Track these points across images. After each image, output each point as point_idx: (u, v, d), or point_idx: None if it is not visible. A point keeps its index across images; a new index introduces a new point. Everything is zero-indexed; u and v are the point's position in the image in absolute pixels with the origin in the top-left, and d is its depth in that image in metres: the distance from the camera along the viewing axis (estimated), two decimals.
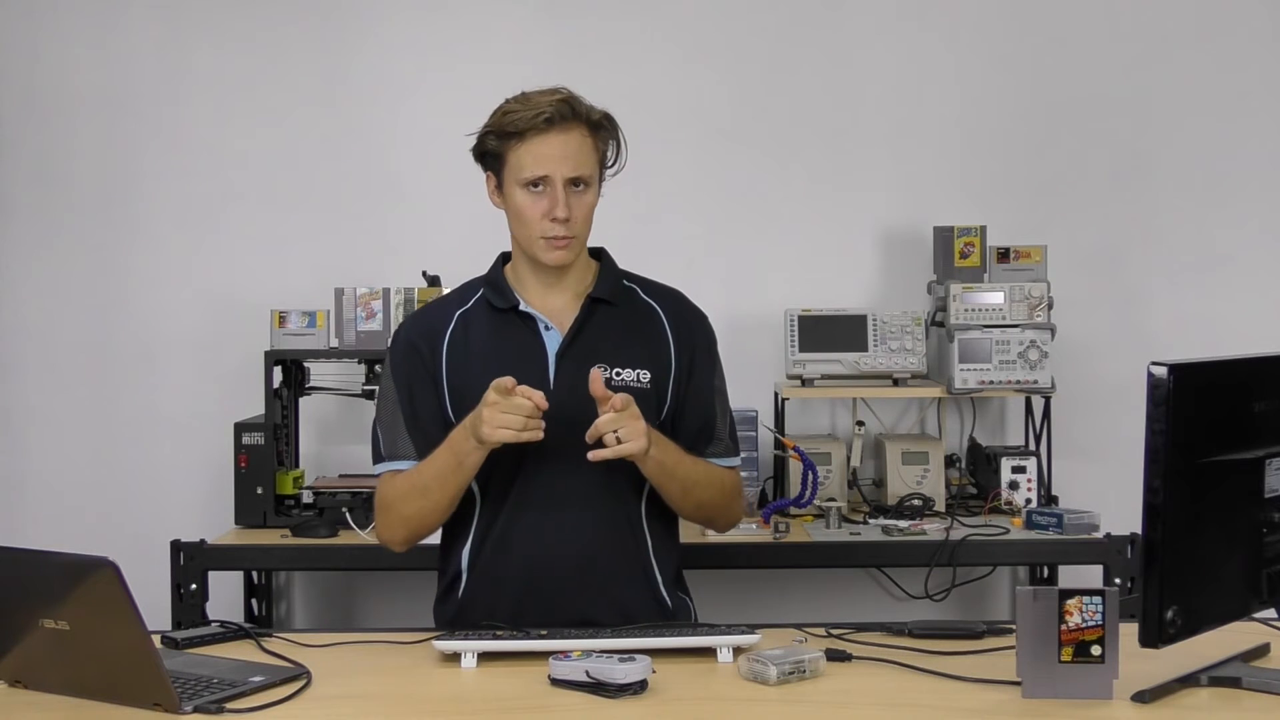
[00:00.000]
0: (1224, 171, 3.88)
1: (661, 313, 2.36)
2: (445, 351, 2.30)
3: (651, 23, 3.90)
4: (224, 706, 1.75)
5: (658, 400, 2.30)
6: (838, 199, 3.90)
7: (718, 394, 2.39)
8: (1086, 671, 1.75)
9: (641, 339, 2.32)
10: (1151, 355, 1.76)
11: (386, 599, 3.88)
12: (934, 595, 3.58)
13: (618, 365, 2.27)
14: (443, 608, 2.36)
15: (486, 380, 2.16)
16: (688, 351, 2.34)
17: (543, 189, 2.23)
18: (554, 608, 2.18)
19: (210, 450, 3.79)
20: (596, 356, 2.26)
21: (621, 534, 2.28)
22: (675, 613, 2.34)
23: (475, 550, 2.30)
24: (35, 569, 1.83)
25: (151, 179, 3.91)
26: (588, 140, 2.26)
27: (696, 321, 2.40)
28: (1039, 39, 3.90)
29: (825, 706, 1.79)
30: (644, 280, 2.42)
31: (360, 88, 3.91)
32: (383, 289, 3.58)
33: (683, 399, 2.33)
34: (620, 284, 2.37)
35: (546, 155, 2.22)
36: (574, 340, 2.28)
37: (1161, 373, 1.70)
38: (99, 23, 3.90)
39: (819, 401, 3.87)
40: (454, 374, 2.29)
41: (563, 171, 2.22)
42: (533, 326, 2.29)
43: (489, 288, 2.34)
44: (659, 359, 2.31)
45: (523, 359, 2.26)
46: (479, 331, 2.31)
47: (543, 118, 2.21)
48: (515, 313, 2.30)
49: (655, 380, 2.29)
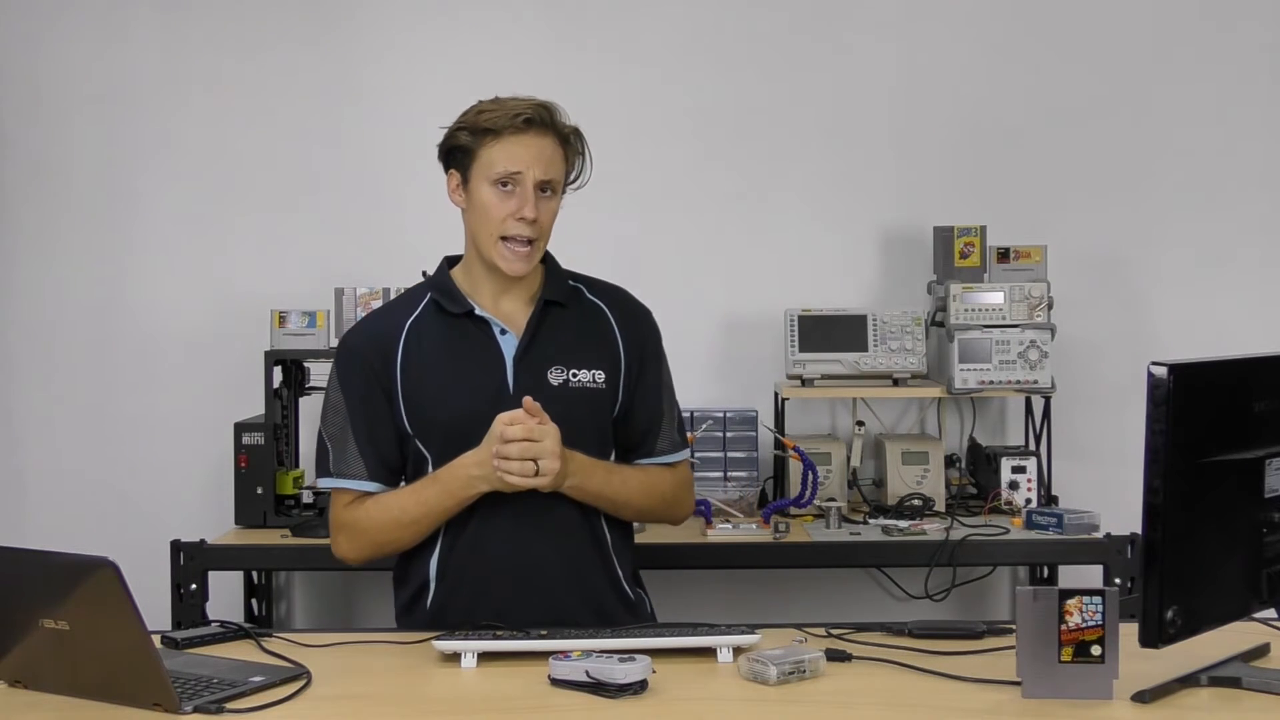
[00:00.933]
0: (1224, 172, 3.88)
1: (608, 311, 2.38)
2: (400, 361, 2.29)
3: (652, 22, 3.90)
4: (224, 706, 1.74)
5: (611, 399, 2.32)
6: (838, 199, 3.90)
7: (665, 389, 2.41)
8: (1086, 671, 1.75)
9: (593, 339, 2.33)
10: (1151, 355, 1.76)
11: (386, 599, 3.83)
12: (934, 595, 3.58)
13: (573, 366, 2.29)
14: (409, 619, 2.33)
15: (444, 387, 2.20)
16: (636, 349, 2.36)
17: (512, 188, 2.24)
18: (533, 608, 2.18)
19: (210, 450, 3.79)
20: (552, 359, 2.28)
21: (585, 533, 2.30)
22: (636, 605, 2.37)
23: (444, 558, 2.29)
24: (35, 569, 1.83)
25: (151, 179, 3.91)
26: (559, 149, 2.27)
27: (643, 319, 2.42)
28: (1039, 39, 3.90)
29: (825, 706, 1.79)
30: (588, 279, 2.42)
31: (360, 87, 3.91)
32: (383, 289, 3.57)
33: (632, 397, 2.35)
34: (567, 284, 2.38)
35: (521, 154, 2.23)
36: (530, 344, 2.29)
37: (1161, 373, 1.70)
38: (99, 23, 3.90)
39: (819, 401, 3.87)
40: (410, 384, 2.28)
41: (535, 172, 2.23)
42: (487, 331, 2.29)
43: (438, 292, 2.33)
44: (611, 358, 2.33)
45: (480, 365, 2.27)
46: (432, 338, 2.30)
47: (521, 118, 2.23)
48: (469, 317, 2.30)
49: (609, 379, 2.31)
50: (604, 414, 2.31)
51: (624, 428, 2.35)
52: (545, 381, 2.26)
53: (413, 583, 2.33)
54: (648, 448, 2.36)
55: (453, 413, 2.24)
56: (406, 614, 2.35)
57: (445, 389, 2.25)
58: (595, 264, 2.48)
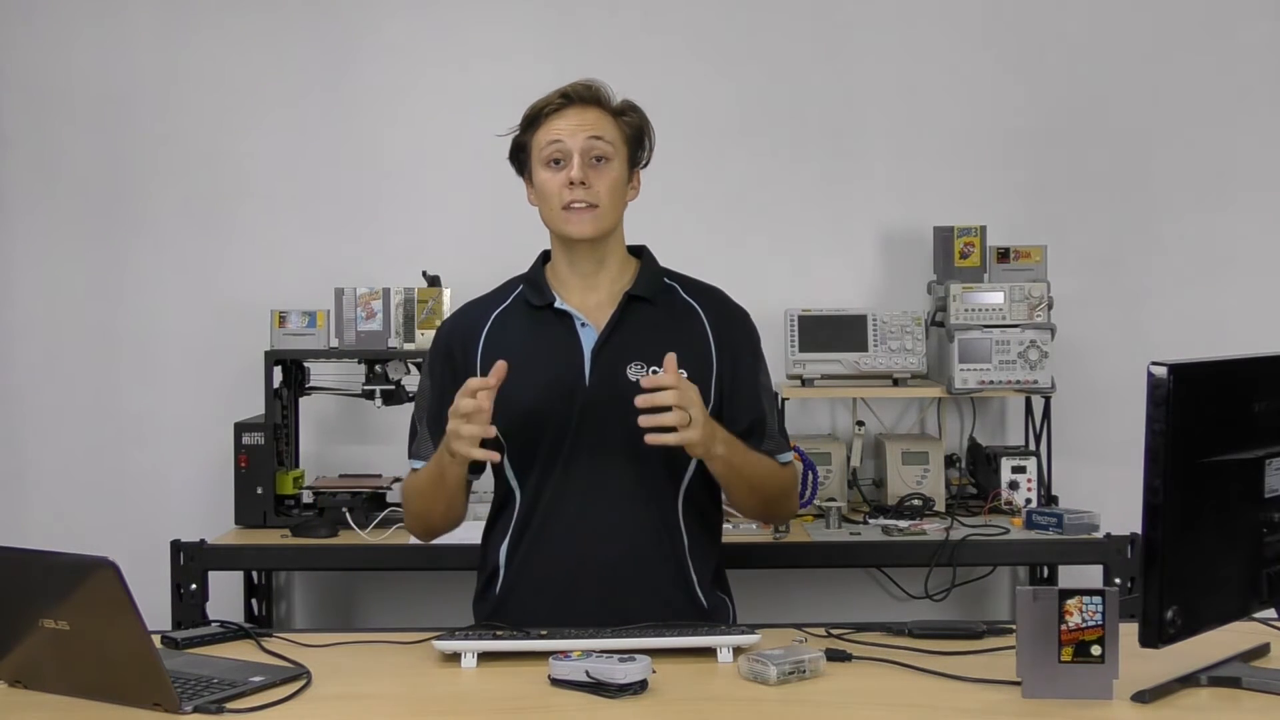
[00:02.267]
0: (1224, 172, 3.88)
1: (702, 311, 2.35)
2: (480, 352, 2.30)
3: (652, 22, 3.90)
4: (224, 706, 1.74)
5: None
6: (838, 199, 3.90)
7: (764, 391, 2.37)
8: (1086, 671, 1.75)
9: (680, 337, 2.28)
10: (1151, 355, 1.76)
11: (386, 599, 3.88)
12: (934, 595, 3.58)
13: (655, 363, 2.21)
14: (482, 604, 2.34)
15: (521, 378, 2.18)
16: (729, 350, 2.33)
17: (562, 163, 2.24)
18: (592, 608, 2.16)
19: (210, 450, 3.79)
20: (632, 354, 2.25)
21: (658, 533, 2.26)
22: (713, 612, 2.31)
23: (513, 546, 2.29)
24: (35, 569, 1.82)
25: (151, 178, 3.91)
26: (607, 119, 2.28)
27: (739, 320, 2.39)
28: (1039, 39, 3.90)
29: (825, 706, 1.78)
30: (685, 278, 2.41)
31: (361, 87, 3.91)
32: (383, 289, 3.58)
33: (729, 398, 2.31)
34: (660, 282, 2.36)
35: (560, 126, 2.25)
36: (610, 337, 2.27)
37: (1161, 373, 1.69)
38: (99, 22, 3.90)
39: (819, 401, 3.87)
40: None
41: (577, 140, 2.24)
42: (569, 324, 2.29)
43: (527, 285, 2.34)
44: (699, 358, 2.29)
45: (558, 356, 2.26)
46: (515, 329, 2.31)
47: (558, 95, 2.26)
48: (552, 310, 2.30)
49: (693, 379, 2.23)
50: None
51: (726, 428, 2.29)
52: (623, 376, 2.23)
53: (487, 567, 2.33)
54: (757, 447, 2.30)
55: (527, 403, 2.24)
56: (480, 599, 2.35)
57: (522, 380, 2.21)
58: None
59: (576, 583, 2.23)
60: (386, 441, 3.65)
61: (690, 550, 2.29)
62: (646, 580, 2.24)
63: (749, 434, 2.30)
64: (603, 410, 2.21)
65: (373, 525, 3.38)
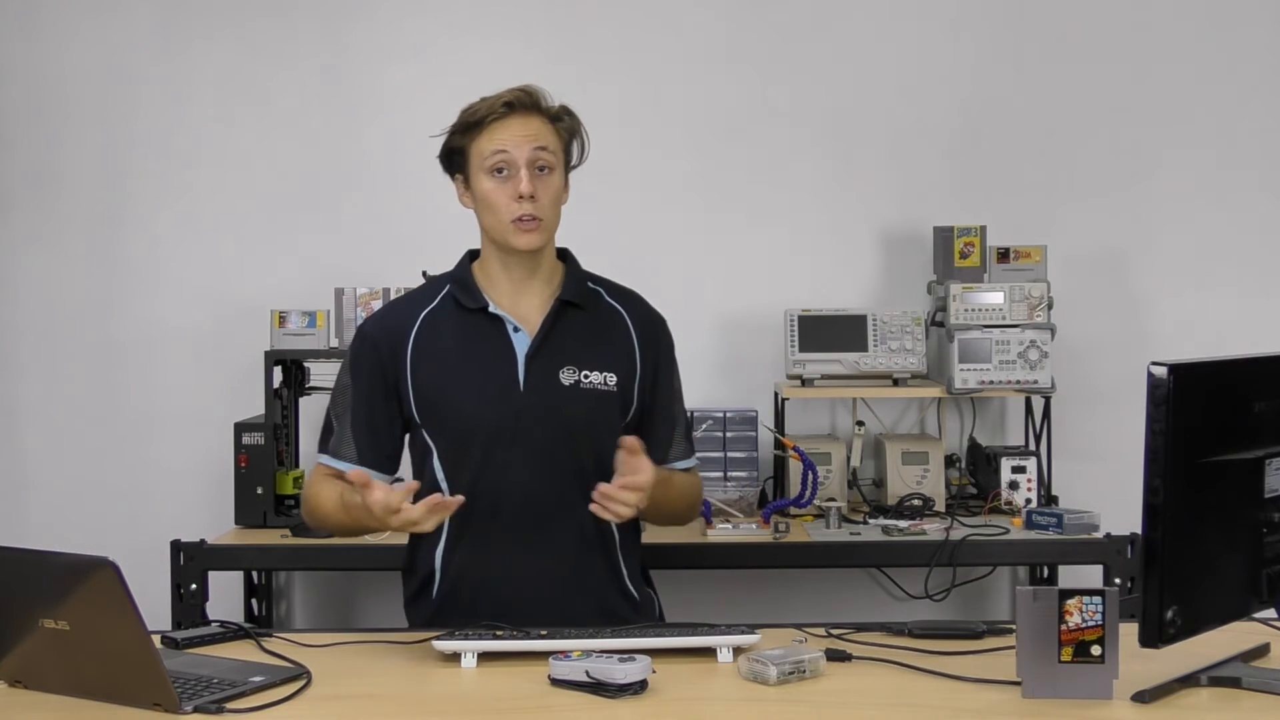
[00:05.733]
0: (1224, 172, 3.88)
1: (626, 316, 2.38)
2: (410, 352, 2.30)
3: (653, 23, 3.89)
4: (224, 706, 1.74)
5: (623, 402, 2.33)
6: (838, 199, 3.90)
7: (677, 396, 2.44)
8: (1086, 671, 1.75)
9: (608, 342, 2.34)
10: (1151, 355, 1.76)
11: (386, 599, 3.85)
12: (934, 595, 3.58)
13: (585, 368, 2.29)
14: (415, 609, 2.36)
15: (455, 381, 2.23)
16: (652, 355, 2.38)
17: (507, 174, 2.25)
18: (533, 609, 2.18)
19: (210, 450, 3.79)
20: (565, 359, 2.29)
21: (592, 534, 2.30)
22: (641, 605, 2.38)
23: (449, 550, 2.31)
24: (35, 569, 1.82)
25: (151, 179, 3.91)
26: (548, 128, 2.29)
27: (659, 325, 2.43)
28: (1039, 39, 3.90)
29: (825, 706, 1.78)
30: (607, 282, 2.43)
31: (361, 87, 3.91)
32: (383, 289, 3.57)
33: (650, 404, 2.37)
34: (586, 286, 2.38)
35: (506, 137, 2.26)
36: (543, 342, 2.29)
37: (1161, 373, 1.69)
38: (98, 22, 3.90)
39: (819, 401, 3.87)
40: (420, 375, 2.30)
41: (524, 151, 2.25)
42: (501, 328, 2.30)
43: (456, 286, 2.35)
44: (625, 362, 2.34)
45: (492, 361, 2.28)
46: (446, 332, 2.32)
47: (501, 103, 2.26)
48: (484, 314, 2.31)
49: (621, 383, 2.32)
50: (615, 416, 2.31)
51: (641, 434, 2.31)
52: (557, 381, 2.27)
53: (420, 572, 2.35)
54: (664, 453, 2.36)
55: (463, 408, 2.27)
56: (414, 603, 2.37)
57: (456, 384, 2.27)
58: (595, 264, 2.48)
59: (516, 585, 2.26)
60: None
61: (621, 547, 2.35)
62: (583, 579, 2.30)
63: (664, 439, 2.37)
64: (538, 414, 2.26)
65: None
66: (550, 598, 2.25)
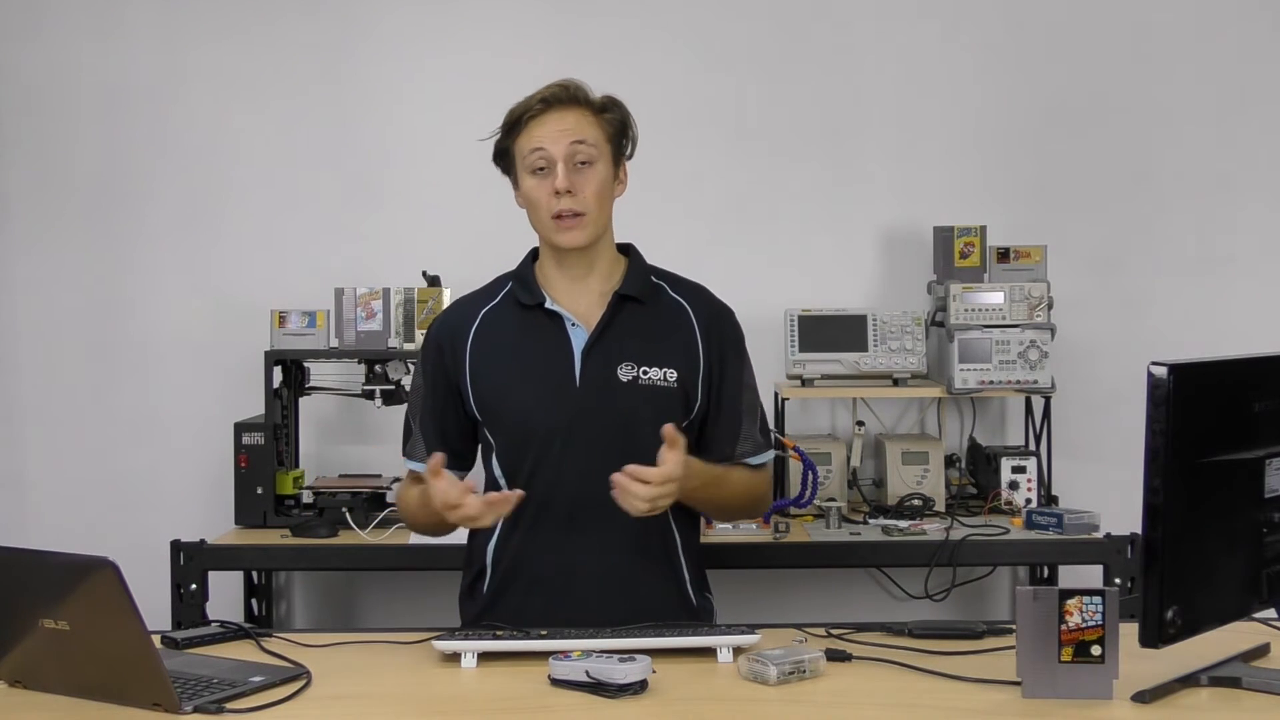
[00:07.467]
0: (1224, 172, 3.88)
1: (690, 310, 2.34)
2: (469, 350, 2.30)
3: (653, 23, 3.90)
4: (224, 706, 1.74)
5: (685, 399, 2.28)
6: (838, 199, 3.90)
7: (747, 390, 2.37)
8: (1086, 671, 1.75)
9: (669, 337, 2.29)
10: (1151, 355, 1.76)
11: (386, 599, 3.88)
12: (934, 595, 3.58)
13: (644, 364, 2.25)
14: (469, 602, 2.35)
15: (512, 378, 2.21)
16: (717, 349, 2.32)
17: (546, 171, 2.23)
18: (584, 609, 2.16)
19: (210, 450, 3.79)
20: (622, 354, 2.25)
21: (650, 534, 2.25)
22: (699, 613, 2.32)
23: (501, 545, 2.29)
24: (35, 569, 1.82)
25: (151, 177, 3.91)
26: (588, 118, 2.27)
27: (725, 318, 2.38)
28: (1039, 39, 3.90)
29: (825, 706, 1.78)
30: (672, 276, 2.40)
31: (361, 87, 3.91)
32: (383, 289, 3.58)
33: (714, 399, 2.31)
34: (648, 281, 2.35)
35: (543, 134, 2.24)
36: (600, 338, 2.26)
37: (1161, 373, 1.69)
38: (98, 21, 3.90)
39: (819, 401, 3.87)
40: (478, 372, 2.29)
41: (560, 147, 2.22)
42: (559, 324, 2.28)
43: (517, 283, 2.34)
44: (687, 357, 2.29)
45: (549, 357, 2.26)
46: (504, 328, 2.31)
47: (537, 100, 2.24)
48: (541, 310, 2.29)
49: (683, 379, 2.26)
50: (675, 413, 2.23)
51: (708, 429, 2.30)
52: (614, 376, 2.24)
53: (474, 566, 2.34)
54: (730, 449, 2.31)
55: (518, 404, 2.25)
56: (467, 597, 2.36)
57: (512, 380, 2.25)
58: None
59: (568, 584, 2.23)
60: (386, 441, 3.64)
61: (682, 550, 2.31)
62: (640, 581, 2.25)
63: (730, 435, 2.32)
64: (594, 411, 2.22)
65: (372, 525, 3.38)
66: (602, 600, 2.20)
